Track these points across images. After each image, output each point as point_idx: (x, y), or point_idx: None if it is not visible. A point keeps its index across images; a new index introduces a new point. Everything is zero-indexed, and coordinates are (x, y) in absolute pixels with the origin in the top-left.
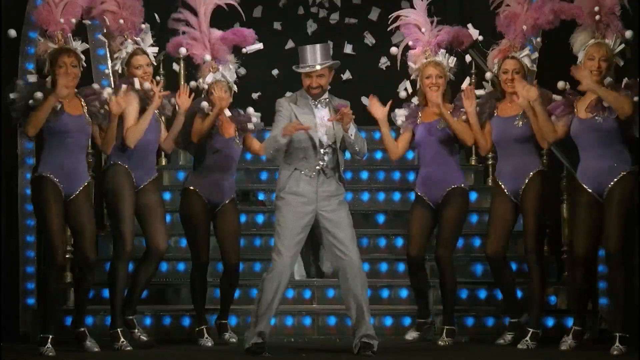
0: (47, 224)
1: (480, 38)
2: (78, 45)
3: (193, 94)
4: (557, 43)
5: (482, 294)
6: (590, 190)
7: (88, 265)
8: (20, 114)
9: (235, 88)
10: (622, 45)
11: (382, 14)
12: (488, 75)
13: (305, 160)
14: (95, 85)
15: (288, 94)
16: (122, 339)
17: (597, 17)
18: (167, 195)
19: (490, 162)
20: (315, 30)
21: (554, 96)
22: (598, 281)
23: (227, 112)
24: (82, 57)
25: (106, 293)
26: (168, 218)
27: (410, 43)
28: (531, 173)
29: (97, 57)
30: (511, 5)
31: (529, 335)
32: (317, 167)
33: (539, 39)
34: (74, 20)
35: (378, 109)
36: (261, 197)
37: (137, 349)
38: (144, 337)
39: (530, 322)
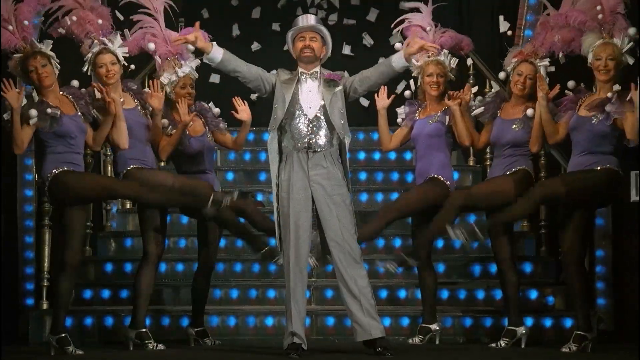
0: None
1: (509, 33)
2: (43, 46)
3: (164, 89)
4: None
5: (480, 294)
6: None
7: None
8: None
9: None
10: (631, 44)
11: (381, 15)
12: (502, 75)
13: (293, 138)
14: (75, 82)
15: None
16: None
17: (600, 16)
18: None
19: (488, 163)
20: None
21: (566, 91)
22: (596, 282)
23: (205, 105)
24: (52, 54)
25: (105, 294)
26: (168, 218)
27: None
28: (513, 169)
29: None
30: (551, 15)
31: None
32: (305, 144)
33: (561, 55)
34: (27, 22)
35: (380, 101)
36: (260, 197)
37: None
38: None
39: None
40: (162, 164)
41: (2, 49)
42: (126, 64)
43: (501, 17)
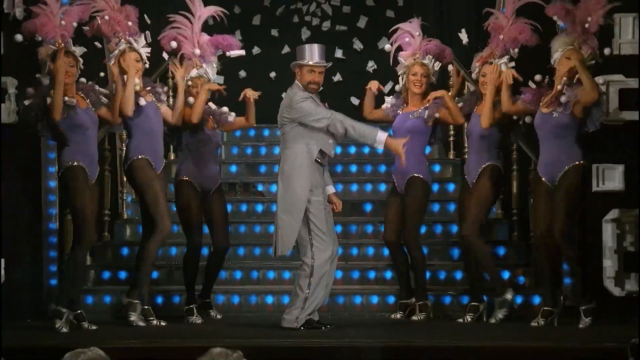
0: (82, 208)
1: (466, 42)
2: (77, 49)
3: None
4: (532, 49)
5: (459, 275)
6: (544, 179)
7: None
8: (37, 114)
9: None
10: (593, 61)
11: (369, 22)
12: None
13: (326, 154)
14: (82, 79)
15: (284, 94)
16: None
17: (587, 25)
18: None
19: (466, 157)
20: (308, 37)
21: (530, 82)
22: (562, 263)
23: (212, 106)
24: (80, 60)
25: (122, 275)
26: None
27: (404, 41)
28: (484, 165)
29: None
30: (499, 19)
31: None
32: (327, 160)
33: (516, 50)
34: (74, 24)
35: (372, 83)
36: (260, 188)
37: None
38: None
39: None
40: (172, 156)
41: (41, 35)
42: (148, 64)
43: (463, 30)
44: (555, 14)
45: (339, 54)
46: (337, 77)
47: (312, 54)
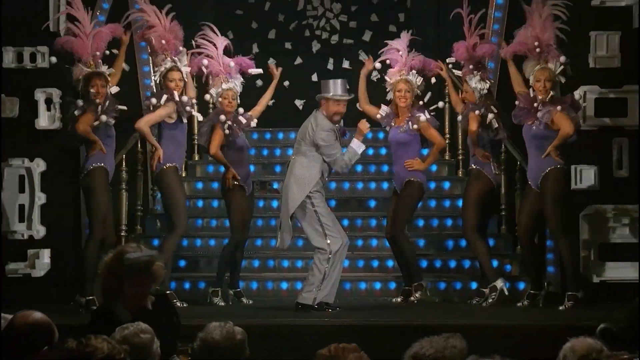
0: (101, 207)
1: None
2: (105, 70)
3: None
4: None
5: (452, 263)
6: (530, 183)
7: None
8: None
9: (238, 100)
10: (562, 67)
11: (373, 36)
12: (441, 104)
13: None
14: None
15: (297, 101)
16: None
17: (538, 49)
18: (199, 185)
19: (460, 157)
20: (319, 49)
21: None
22: (546, 253)
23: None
24: (109, 79)
25: None
26: (200, 203)
27: (392, 58)
28: (469, 168)
29: (143, 73)
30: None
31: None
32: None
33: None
34: (104, 45)
35: (367, 65)
36: (276, 186)
37: None
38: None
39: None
40: (196, 157)
41: (74, 54)
42: (186, 80)
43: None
44: (504, 55)
45: (345, 64)
46: None
47: (336, 88)
